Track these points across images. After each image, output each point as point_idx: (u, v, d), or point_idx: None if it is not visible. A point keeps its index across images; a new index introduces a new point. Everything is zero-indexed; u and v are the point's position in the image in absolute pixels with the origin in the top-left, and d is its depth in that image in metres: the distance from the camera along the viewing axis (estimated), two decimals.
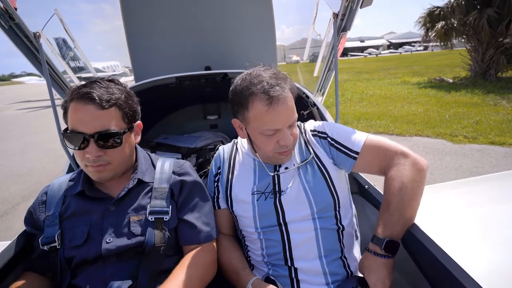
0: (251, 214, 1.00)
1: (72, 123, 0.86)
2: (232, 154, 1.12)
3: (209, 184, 1.12)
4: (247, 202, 1.00)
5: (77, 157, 0.89)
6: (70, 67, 1.90)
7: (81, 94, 0.84)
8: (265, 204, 0.98)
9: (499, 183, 1.38)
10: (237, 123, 0.98)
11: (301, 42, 23.27)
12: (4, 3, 1.24)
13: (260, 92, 0.87)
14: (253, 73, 0.92)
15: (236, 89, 0.93)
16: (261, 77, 0.89)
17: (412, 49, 56.42)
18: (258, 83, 0.88)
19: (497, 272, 0.77)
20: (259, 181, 1.01)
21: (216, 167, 1.12)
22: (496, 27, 10.10)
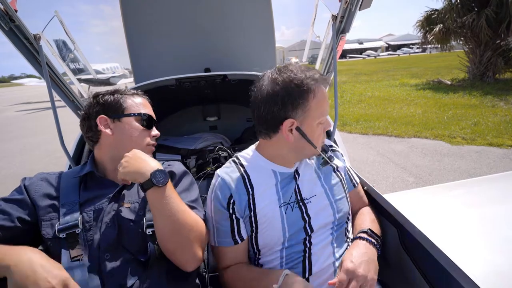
0: (280, 228, 0.93)
1: (137, 109, 1.06)
2: (242, 174, 0.97)
3: (220, 217, 0.95)
4: (276, 217, 0.93)
5: (140, 137, 1.04)
6: (70, 69, 1.90)
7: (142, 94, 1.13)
8: (293, 215, 0.94)
9: (497, 184, 1.39)
10: (288, 124, 0.89)
11: (300, 44, 23.25)
12: (4, 5, 1.24)
13: (321, 80, 0.90)
14: (295, 67, 0.91)
15: (291, 83, 0.86)
16: (308, 69, 0.91)
17: (410, 51, 56.64)
18: (314, 74, 0.90)
19: (496, 272, 0.78)
20: (283, 192, 0.96)
21: (224, 196, 0.94)
22: (495, 28, 10.16)
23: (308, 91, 0.87)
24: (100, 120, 1.00)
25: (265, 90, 0.89)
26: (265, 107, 0.89)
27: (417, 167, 4.25)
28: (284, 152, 0.95)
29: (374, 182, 1.11)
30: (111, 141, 1.01)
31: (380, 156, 4.87)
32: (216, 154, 1.77)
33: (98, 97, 1.05)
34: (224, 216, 0.94)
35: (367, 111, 8.16)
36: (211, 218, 0.97)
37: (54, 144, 1.37)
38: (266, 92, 0.88)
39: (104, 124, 1.01)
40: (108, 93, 1.07)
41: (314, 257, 0.93)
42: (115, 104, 1.03)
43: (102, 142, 1.02)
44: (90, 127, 1.03)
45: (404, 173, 4.13)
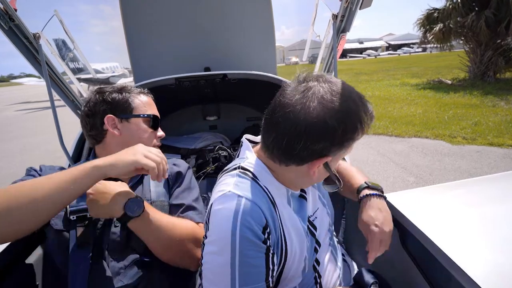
0: (304, 256, 0.79)
1: (145, 109, 1.04)
2: (265, 191, 0.72)
3: (253, 255, 0.65)
4: (304, 246, 0.78)
5: (149, 139, 1.03)
6: (70, 68, 1.90)
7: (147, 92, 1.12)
8: (310, 241, 0.83)
9: (498, 184, 1.38)
10: (320, 163, 0.68)
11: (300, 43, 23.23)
12: (4, 4, 1.24)
13: (372, 109, 0.69)
14: (340, 90, 0.65)
15: (348, 118, 0.63)
16: (351, 89, 0.68)
17: (410, 51, 56.60)
18: (363, 99, 0.68)
19: (496, 272, 0.78)
20: (301, 217, 0.79)
21: (260, 224, 0.66)
22: (494, 28, 10.16)
23: (361, 130, 0.66)
24: (108, 119, 0.96)
25: (315, 116, 0.62)
26: (307, 140, 0.63)
27: (418, 167, 4.25)
28: (296, 181, 0.76)
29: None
30: (118, 141, 0.97)
31: (380, 155, 4.86)
32: (216, 154, 1.77)
33: (104, 94, 1.00)
34: (259, 251, 0.66)
35: None
36: (230, 256, 0.63)
37: (54, 144, 1.37)
38: (316, 120, 0.62)
39: (112, 124, 0.97)
40: (115, 90, 1.02)
41: (323, 279, 0.86)
42: (123, 103, 0.99)
43: (107, 142, 0.99)
44: (95, 125, 0.98)
45: (404, 173, 4.13)
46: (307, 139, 0.63)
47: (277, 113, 0.66)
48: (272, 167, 0.75)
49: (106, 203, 0.79)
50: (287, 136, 0.65)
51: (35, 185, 0.70)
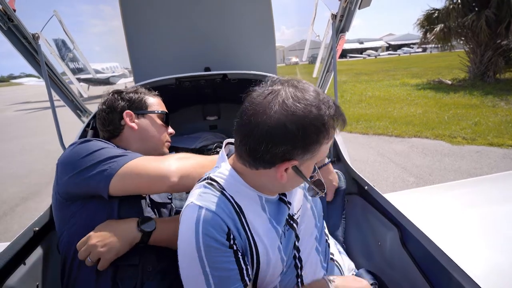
0: (279, 261, 0.78)
1: (156, 108, 1.14)
2: (231, 201, 0.73)
3: (221, 262, 0.67)
4: (277, 253, 0.77)
5: (163, 134, 1.12)
6: (69, 68, 1.90)
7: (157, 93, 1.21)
8: (286, 240, 0.80)
9: (497, 184, 1.38)
10: (285, 166, 0.68)
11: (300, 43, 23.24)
12: (3, 5, 1.24)
13: (340, 114, 0.68)
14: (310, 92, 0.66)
15: (308, 123, 0.63)
16: (319, 94, 0.67)
17: (410, 51, 56.59)
18: (331, 104, 0.67)
19: (496, 272, 0.77)
20: (278, 223, 0.78)
21: (221, 232, 0.68)
22: (494, 29, 10.16)
23: (326, 135, 0.66)
24: (127, 114, 1.07)
25: (275, 120, 0.63)
26: (268, 143, 0.64)
27: (418, 167, 4.25)
28: (267, 184, 0.75)
29: (375, 182, 1.11)
30: (135, 135, 1.07)
31: (380, 156, 4.86)
32: (214, 152, 1.77)
33: (122, 93, 1.12)
34: (227, 256, 0.68)
35: (368, 111, 8.15)
36: (200, 266, 0.65)
37: (54, 144, 1.37)
38: (275, 125, 0.63)
39: (130, 118, 1.07)
40: (131, 91, 1.14)
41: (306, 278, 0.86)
42: (139, 101, 1.11)
43: (124, 136, 1.08)
44: (113, 121, 1.07)
45: (404, 173, 4.13)
46: (268, 143, 0.64)
47: (243, 116, 0.68)
48: (245, 173, 0.75)
49: (117, 238, 0.84)
50: (250, 139, 0.66)
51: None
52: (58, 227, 0.92)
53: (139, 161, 0.88)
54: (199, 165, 0.92)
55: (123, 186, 0.85)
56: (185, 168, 0.88)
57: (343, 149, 1.54)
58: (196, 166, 0.91)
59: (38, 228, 1.03)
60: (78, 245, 0.84)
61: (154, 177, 0.85)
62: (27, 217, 3.59)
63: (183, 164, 0.90)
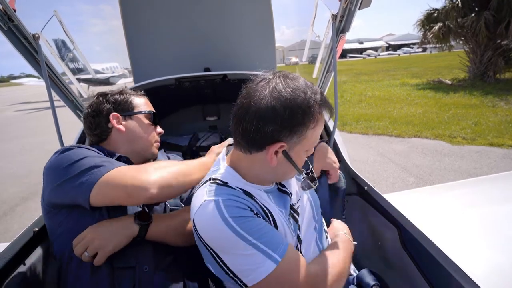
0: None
1: (142, 108, 1.13)
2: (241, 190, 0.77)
3: (257, 223, 0.70)
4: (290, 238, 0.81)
5: (151, 134, 1.11)
6: (69, 69, 1.90)
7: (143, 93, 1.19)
8: (292, 226, 0.83)
9: (497, 184, 1.39)
10: (276, 147, 0.72)
11: (300, 43, 23.26)
12: (3, 5, 1.24)
13: (325, 102, 0.75)
14: (299, 80, 0.74)
15: (295, 102, 0.69)
16: (307, 83, 0.74)
17: (410, 51, 56.60)
18: (317, 92, 0.74)
19: (496, 272, 0.78)
20: (284, 209, 0.82)
21: (244, 207, 0.72)
22: (494, 29, 10.17)
23: (312, 118, 0.72)
24: (113, 117, 1.05)
25: (264, 102, 0.70)
26: (258, 123, 0.70)
27: (418, 167, 4.25)
28: (260, 172, 0.79)
29: (375, 182, 1.11)
30: (122, 137, 1.06)
31: (380, 156, 4.87)
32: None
33: (107, 96, 1.10)
34: (259, 221, 0.71)
35: (368, 111, 8.16)
36: (243, 240, 0.67)
37: (54, 144, 1.37)
38: (265, 106, 0.69)
39: (117, 121, 1.06)
40: (116, 93, 1.12)
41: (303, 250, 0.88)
42: (125, 102, 1.09)
43: (112, 139, 1.07)
44: (99, 124, 1.06)
45: (404, 173, 4.13)
46: (258, 122, 0.70)
47: (238, 102, 0.76)
48: (241, 165, 0.80)
49: (112, 234, 0.84)
50: (243, 121, 0.73)
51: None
52: (49, 235, 0.92)
53: (117, 173, 0.85)
54: (180, 173, 0.89)
55: (102, 198, 0.83)
56: (165, 179, 0.86)
57: (342, 149, 1.54)
58: (177, 175, 0.88)
59: (37, 228, 1.03)
60: (75, 241, 0.84)
61: (132, 189, 0.82)
62: (27, 217, 3.59)
63: (162, 174, 0.86)
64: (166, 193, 0.86)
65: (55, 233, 0.90)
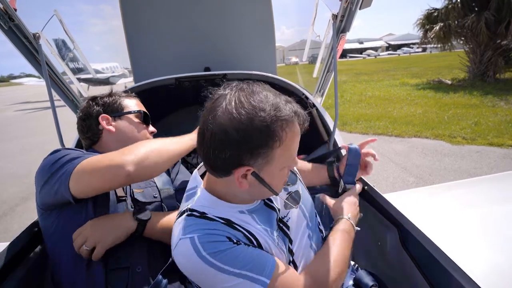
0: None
1: (132, 108, 1.14)
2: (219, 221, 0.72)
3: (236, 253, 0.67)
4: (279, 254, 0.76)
5: (142, 133, 1.12)
6: (70, 68, 1.90)
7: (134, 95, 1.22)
8: (281, 241, 0.80)
9: (497, 184, 1.39)
10: (242, 171, 0.67)
11: (300, 43, 23.14)
12: (4, 4, 1.24)
13: (292, 116, 0.66)
14: (252, 95, 0.65)
15: (249, 124, 0.62)
16: (270, 97, 0.66)
17: (410, 51, 56.59)
18: (280, 106, 0.65)
19: (496, 272, 0.78)
20: (269, 227, 0.77)
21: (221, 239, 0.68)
22: (494, 29, 10.16)
23: (273, 138, 0.64)
24: (103, 118, 1.06)
25: (217, 125, 0.63)
26: (214, 149, 0.65)
27: (418, 167, 4.25)
28: (237, 193, 0.74)
29: (375, 182, 1.12)
30: (114, 138, 1.07)
31: (380, 156, 4.87)
32: None
33: (96, 99, 1.11)
34: (239, 249, 0.68)
35: (368, 111, 8.16)
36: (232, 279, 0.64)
37: (54, 144, 1.38)
38: (218, 130, 0.63)
39: (107, 122, 1.07)
40: (105, 95, 1.14)
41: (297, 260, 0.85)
42: (114, 103, 1.11)
43: (103, 140, 1.07)
44: (90, 127, 1.07)
45: (404, 173, 4.13)
46: (215, 149, 0.64)
47: (199, 123, 0.70)
48: (217, 188, 0.74)
49: (110, 228, 0.85)
50: (202, 146, 0.68)
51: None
52: (43, 236, 0.93)
53: (93, 158, 0.85)
54: (160, 148, 0.89)
55: (82, 187, 0.82)
56: (142, 154, 0.84)
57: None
58: (156, 150, 0.88)
59: (37, 228, 1.03)
60: (75, 234, 0.85)
61: (107, 170, 0.81)
62: (27, 217, 3.59)
63: (139, 151, 0.85)
64: (144, 170, 0.84)
65: (48, 233, 0.91)
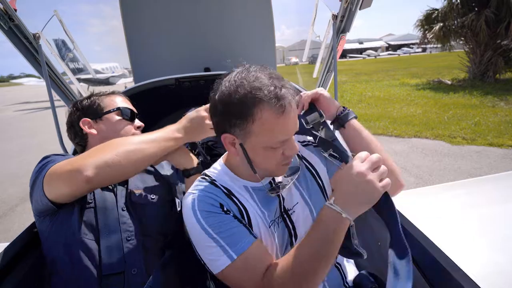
0: (273, 249, 0.82)
1: (111, 107, 1.11)
2: (221, 188, 0.82)
3: (224, 224, 0.75)
4: (268, 238, 0.81)
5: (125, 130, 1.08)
6: (70, 69, 1.90)
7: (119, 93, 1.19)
8: (279, 231, 0.84)
9: (497, 184, 1.39)
10: (229, 138, 0.76)
11: (300, 43, 23.28)
12: (4, 4, 1.24)
13: (270, 98, 0.70)
14: (247, 75, 0.73)
15: (229, 98, 0.71)
16: (261, 79, 0.72)
17: (410, 51, 56.65)
18: (262, 87, 0.70)
19: (496, 272, 0.78)
20: (267, 210, 0.83)
21: (213, 204, 0.78)
22: (494, 29, 10.17)
23: (247, 113, 0.70)
24: (83, 123, 1.06)
25: (213, 97, 0.76)
26: (211, 116, 0.80)
27: (418, 167, 4.25)
28: (239, 165, 0.83)
29: None
30: (97, 140, 1.05)
31: None
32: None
33: (76, 104, 1.11)
34: (225, 217, 0.76)
35: (367, 111, 8.16)
36: (205, 233, 0.73)
37: (54, 144, 1.38)
38: (212, 100, 0.77)
39: (88, 125, 1.06)
40: (84, 98, 1.12)
41: None
42: (92, 105, 1.09)
43: (90, 145, 1.07)
44: (76, 133, 1.08)
45: (404, 173, 4.13)
46: (211, 115, 0.80)
47: None
48: (230, 161, 0.87)
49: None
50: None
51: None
52: (42, 243, 0.93)
53: (60, 163, 0.83)
54: (130, 148, 0.84)
55: (53, 191, 0.82)
56: (105, 157, 0.80)
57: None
58: (124, 151, 0.83)
59: (37, 229, 1.03)
60: None
61: (68, 175, 0.79)
62: (27, 217, 3.58)
63: (104, 152, 0.81)
64: (106, 175, 0.80)
65: (43, 237, 0.91)
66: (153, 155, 0.88)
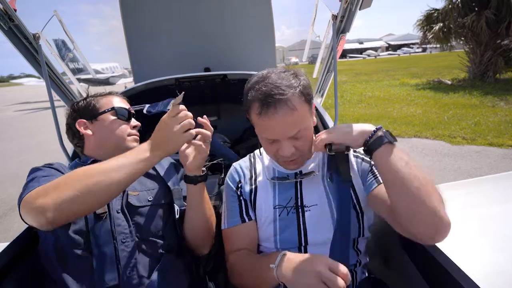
0: (272, 229, 0.92)
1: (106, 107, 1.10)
2: (252, 164, 1.04)
3: (230, 200, 0.99)
4: (269, 216, 0.93)
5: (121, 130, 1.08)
6: (70, 69, 1.90)
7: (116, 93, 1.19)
8: (287, 219, 0.91)
9: (497, 185, 1.39)
10: (250, 118, 0.90)
11: (300, 43, 23.24)
12: (3, 4, 1.24)
13: (256, 96, 0.79)
14: (265, 72, 0.84)
15: (245, 88, 0.87)
16: (268, 79, 0.80)
17: (410, 51, 56.63)
18: (257, 86, 0.80)
19: (496, 272, 0.78)
20: (280, 193, 0.94)
21: (234, 181, 1.01)
22: (495, 29, 10.16)
23: (245, 104, 0.86)
24: (79, 124, 1.06)
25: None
26: None
27: None
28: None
29: None
30: (94, 141, 1.06)
31: None
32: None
33: (73, 106, 1.11)
34: (233, 198, 0.99)
35: (367, 111, 8.16)
36: (224, 203, 1.02)
37: (53, 144, 1.38)
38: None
39: (84, 126, 1.06)
40: (81, 100, 1.13)
41: None
42: (88, 106, 1.09)
43: (87, 145, 1.07)
44: (74, 135, 1.08)
45: None
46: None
47: None
48: None
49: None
50: None
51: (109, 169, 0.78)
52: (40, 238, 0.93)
53: (32, 192, 0.77)
54: (93, 182, 0.73)
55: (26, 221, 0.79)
56: (63, 196, 0.72)
57: None
58: (82, 186, 0.73)
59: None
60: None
61: (33, 214, 0.74)
62: None
63: (65, 189, 0.73)
64: (69, 211, 0.73)
65: (41, 235, 0.92)
66: (122, 182, 0.77)
